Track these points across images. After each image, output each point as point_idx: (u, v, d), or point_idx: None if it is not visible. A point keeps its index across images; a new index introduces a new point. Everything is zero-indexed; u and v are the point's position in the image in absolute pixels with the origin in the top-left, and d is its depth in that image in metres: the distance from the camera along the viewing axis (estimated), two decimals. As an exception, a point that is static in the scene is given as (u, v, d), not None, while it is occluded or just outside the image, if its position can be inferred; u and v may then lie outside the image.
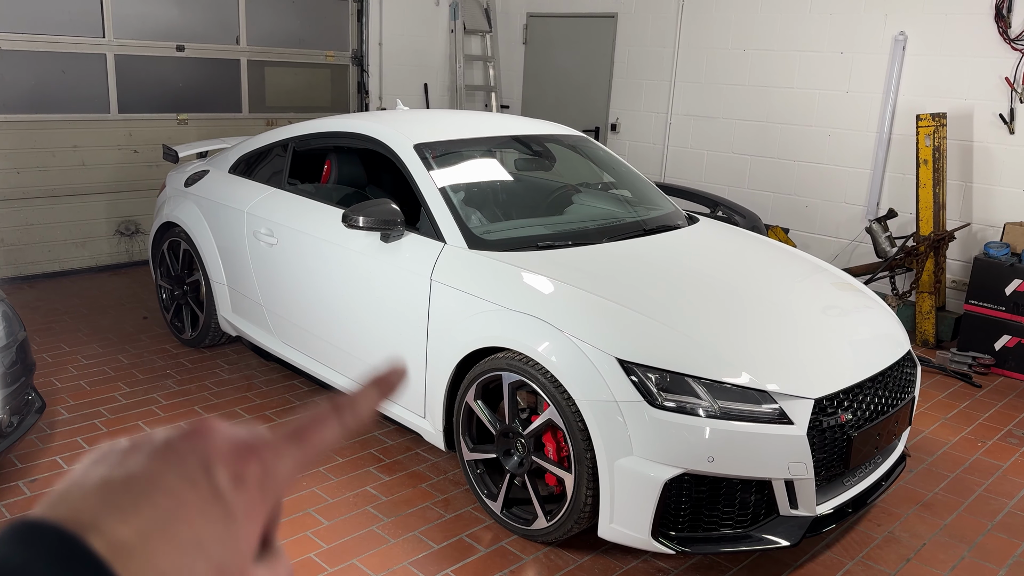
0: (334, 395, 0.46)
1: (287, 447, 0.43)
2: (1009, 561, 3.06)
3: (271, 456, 0.42)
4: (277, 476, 0.42)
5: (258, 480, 0.41)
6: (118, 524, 0.36)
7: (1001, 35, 5.29)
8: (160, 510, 0.37)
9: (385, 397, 0.48)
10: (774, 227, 5.96)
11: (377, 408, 0.48)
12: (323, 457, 0.45)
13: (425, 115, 4.58)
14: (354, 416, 0.46)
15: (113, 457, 0.40)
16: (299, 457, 0.43)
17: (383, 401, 0.48)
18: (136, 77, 6.16)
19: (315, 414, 0.45)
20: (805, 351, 2.91)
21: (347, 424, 0.46)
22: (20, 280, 5.87)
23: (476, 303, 3.08)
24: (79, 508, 0.37)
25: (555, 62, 8.01)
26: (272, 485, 0.42)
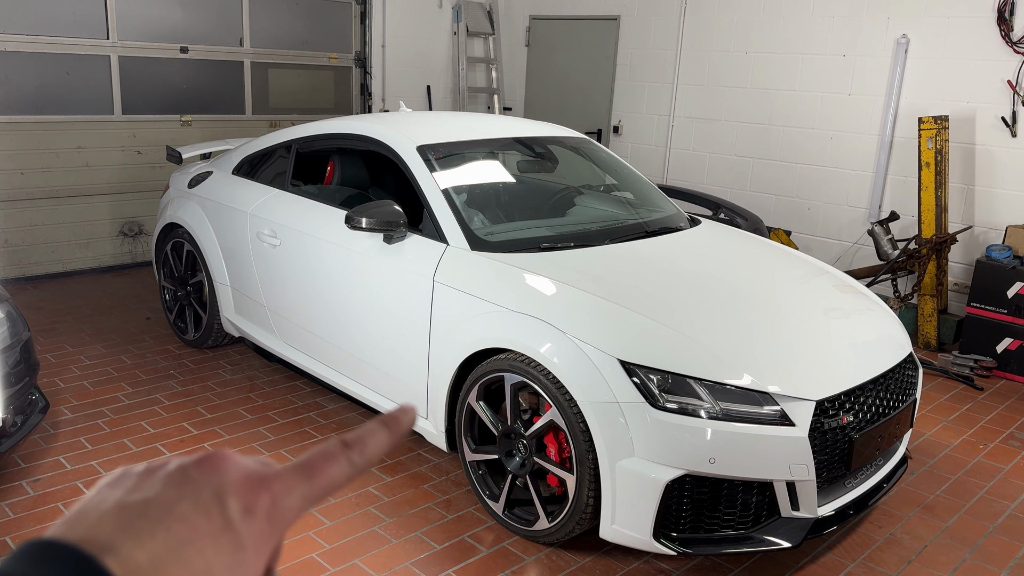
0: (344, 433, 0.47)
1: (296, 481, 0.44)
2: (1010, 564, 3.06)
3: (281, 489, 0.43)
4: (285, 509, 0.43)
5: (267, 512, 0.42)
6: (133, 548, 0.37)
7: (1003, 38, 5.29)
8: (174, 537, 0.38)
9: (396, 438, 0.48)
10: (776, 229, 5.97)
11: (387, 448, 0.48)
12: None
13: (428, 117, 4.59)
14: (363, 455, 0.46)
15: (129, 481, 0.41)
16: (307, 492, 0.44)
17: (393, 442, 0.48)
18: (140, 79, 6.18)
19: (324, 450, 0.45)
20: (807, 353, 2.91)
21: (355, 462, 0.46)
22: (24, 281, 5.89)
23: (478, 304, 3.09)
24: (95, 530, 0.38)
25: (558, 64, 8.02)
26: (280, 518, 0.43)
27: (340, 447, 0.46)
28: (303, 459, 0.45)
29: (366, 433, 0.47)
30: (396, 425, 0.48)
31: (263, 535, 0.42)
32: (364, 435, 0.47)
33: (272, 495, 0.42)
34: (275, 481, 0.43)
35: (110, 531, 0.38)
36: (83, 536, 0.37)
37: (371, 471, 3.49)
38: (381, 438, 0.47)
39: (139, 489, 0.40)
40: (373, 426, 0.48)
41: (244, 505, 0.41)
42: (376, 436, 0.47)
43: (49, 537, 0.37)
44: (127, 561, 0.36)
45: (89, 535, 0.37)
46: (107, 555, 0.36)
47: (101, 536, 0.37)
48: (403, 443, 3.74)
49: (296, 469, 0.44)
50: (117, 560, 0.36)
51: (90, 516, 0.39)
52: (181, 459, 0.44)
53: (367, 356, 3.59)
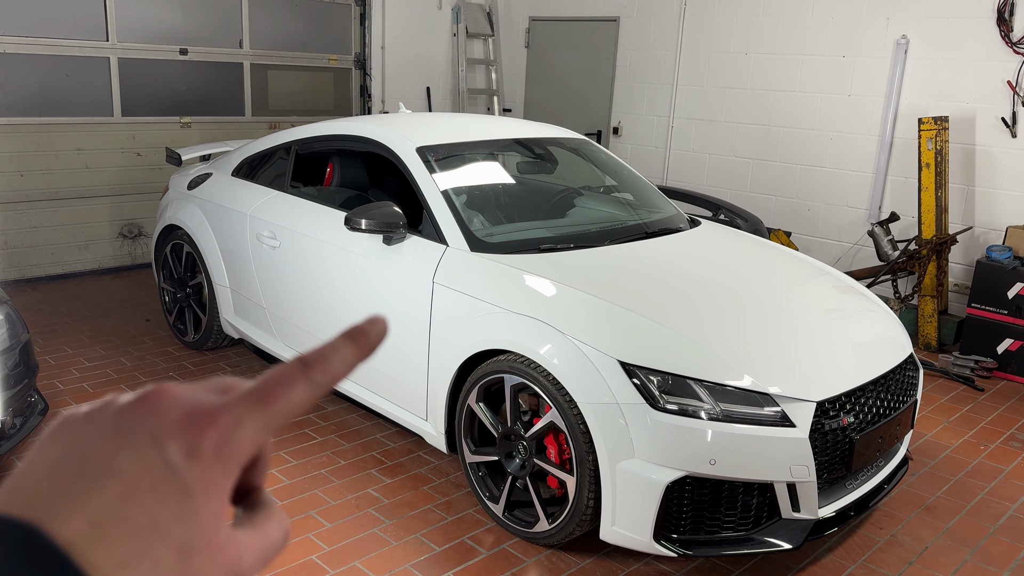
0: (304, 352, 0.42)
1: (249, 411, 0.39)
2: (1012, 565, 3.05)
3: (230, 423, 0.39)
4: (237, 442, 0.39)
5: (216, 450, 0.38)
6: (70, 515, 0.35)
7: (1003, 38, 5.29)
8: (111, 495, 0.36)
9: (363, 355, 0.43)
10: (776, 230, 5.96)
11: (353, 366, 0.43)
12: (291, 418, 0.41)
13: (427, 118, 4.58)
14: (325, 373, 0.41)
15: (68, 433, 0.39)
16: (263, 421, 0.40)
17: (361, 358, 0.43)
18: (139, 80, 6.18)
19: (281, 372, 0.41)
20: (807, 354, 2.91)
21: (317, 382, 0.41)
22: (23, 283, 5.89)
23: (478, 305, 3.08)
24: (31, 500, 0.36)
25: (557, 66, 8.02)
26: (232, 453, 0.39)
27: (299, 367, 0.41)
28: (257, 383, 0.41)
29: (329, 349, 0.42)
30: (364, 339, 0.43)
31: (214, 475, 0.38)
32: (327, 351, 0.42)
33: (219, 430, 0.38)
34: (221, 414, 0.39)
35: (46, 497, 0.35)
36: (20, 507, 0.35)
37: (371, 472, 3.48)
38: (346, 354, 0.42)
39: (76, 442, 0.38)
40: (338, 341, 0.43)
41: (186, 447, 0.37)
42: (340, 352, 0.42)
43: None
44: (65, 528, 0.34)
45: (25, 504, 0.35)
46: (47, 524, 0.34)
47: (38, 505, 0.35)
48: (403, 445, 3.74)
49: (248, 397, 0.40)
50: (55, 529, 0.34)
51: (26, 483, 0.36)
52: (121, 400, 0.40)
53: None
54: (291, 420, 0.41)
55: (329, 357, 0.42)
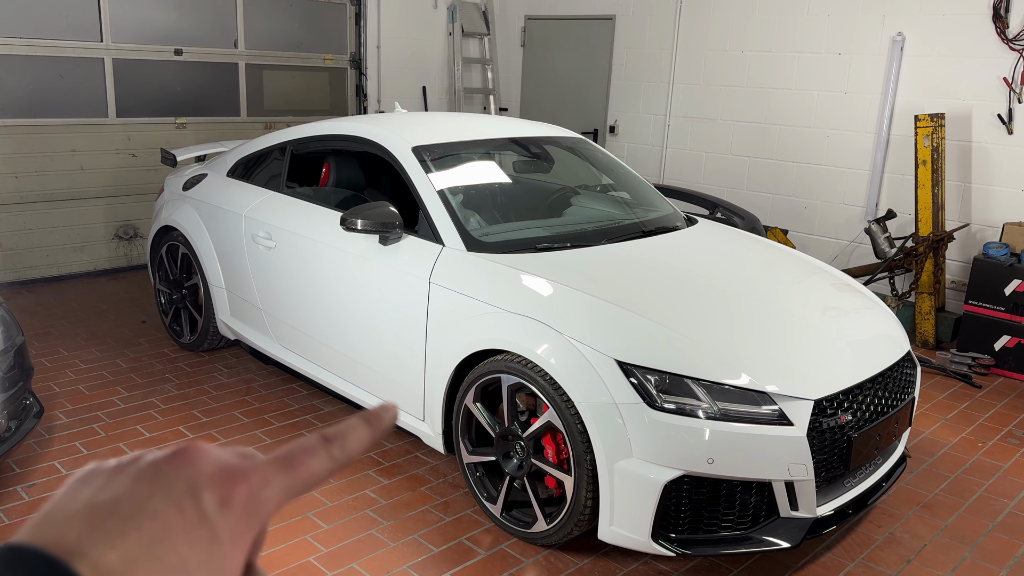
0: (324, 428, 0.46)
1: (275, 473, 0.43)
2: (1010, 562, 3.05)
3: (258, 481, 0.42)
4: (263, 501, 0.42)
5: (244, 504, 0.41)
6: (104, 549, 0.36)
7: (999, 35, 5.29)
8: (146, 534, 0.37)
9: (377, 436, 0.48)
10: (773, 228, 5.96)
11: (367, 445, 0.47)
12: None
13: (423, 118, 4.57)
14: (343, 450, 0.45)
15: (99, 479, 0.40)
16: (286, 484, 0.43)
17: (374, 439, 0.47)
18: (134, 81, 6.16)
19: (304, 444, 0.45)
20: (804, 352, 2.90)
21: (335, 457, 0.45)
22: (18, 285, 5.87)
23: (475, 305, 3.07)
24: (64, 532, 0.36)
25: (553, 64, 8.01)
26: (258, 510, 0.42)
27: (320, 441, 0.45)
28: (283, 451, 0.44)
29: (347, 428, 0.46)
30: (377, 422, 0.48)
31: (240, 527, 0.41)
32: (345, 430, 0.46)
33: (249, 486, 0.41)
34: (252, 472, 0.42)
35: (79, 532, 0.36)
36: (51, 539, 0.36)
37: (368, 473, 3.47)
38: (362, 434, 0.47)
39: (110, 486, 0.39)
40: (354, 422, 0.47)
41: (219, 498, 0.40)
42: (357, 432, 0.47)
43: (16, 541, 0.36)
44: (97, 563, 0.35)
45: (57, 537, 0.36)
46: (76, 558, 0.35)
47: (70, 538, 0.36)
48: (400, 445, 3.73)
49: (275, 461, 0.43)
50: (87, 563, 0.35)
51: (59, 517, 0.37)
52: (154, 453, 0.42)
53: (363, 358, 3.57)
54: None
55: (347, 436, 0.46)
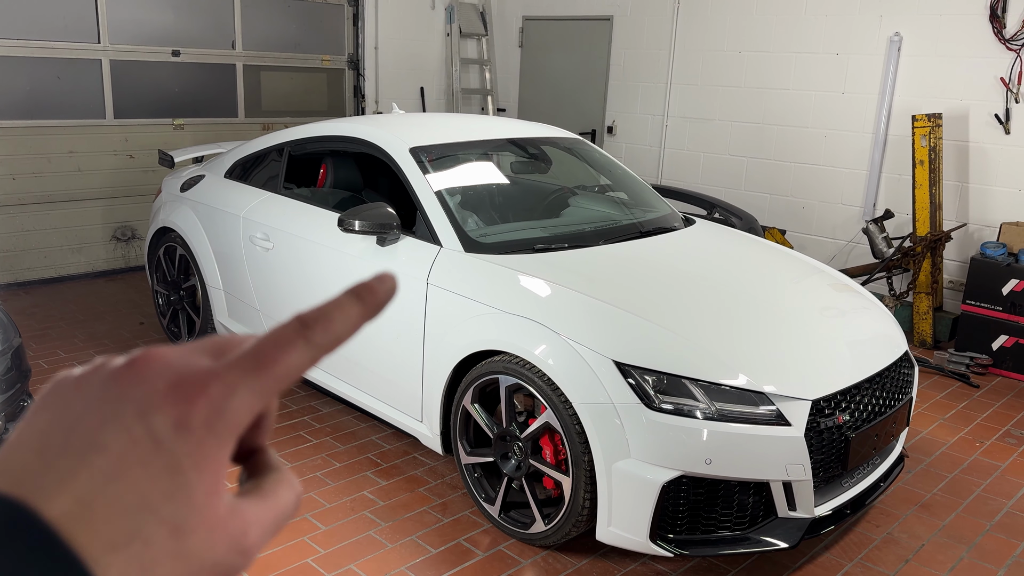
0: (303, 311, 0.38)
1: (243, 377, 0.36)
2: (1008, 561, 3.05)
3: (221, 392, 0.36)
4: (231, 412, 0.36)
5: (206, 422, 0.36)
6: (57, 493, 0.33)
7: (996, 35, 5.29)
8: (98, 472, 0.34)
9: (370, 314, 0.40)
10: (771, 228, 5.96)
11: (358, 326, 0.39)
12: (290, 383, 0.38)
13: (421, 119, 4.57)
14: (327, 334, 0.38)
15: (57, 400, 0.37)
16: (258, 387, 0.37)
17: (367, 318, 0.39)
18: (132, 82, 6.15)
19: (278, 334, 0.38)
20: (802, 352, 2.90)
21: (317, 344, 0.38)
22: (16, 286, 5.86)
23: (472, 306, 3.07)
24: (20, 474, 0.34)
25: (551, 65, 8.01)
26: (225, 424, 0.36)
27: (297, 326, 0.38)
28: (250, 347, 0.37)
29: (332, 307, 0.39)
30: (371, 296, 0.40)
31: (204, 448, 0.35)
32: (329, 309, 0.38)
33: (210, 400, 0.36)
34: (213, 382, 0.36)
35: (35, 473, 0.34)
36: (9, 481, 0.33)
37: (366, 474, 3.47)
38: (351, 312, 0.39)
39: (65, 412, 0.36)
40: (342, 298, 0.39)
41: (175, 419, 0.35)
42: (345, 310, 0.39)
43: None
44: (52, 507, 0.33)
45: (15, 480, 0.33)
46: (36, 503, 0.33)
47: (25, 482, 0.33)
48: (398, 446, 3.72)
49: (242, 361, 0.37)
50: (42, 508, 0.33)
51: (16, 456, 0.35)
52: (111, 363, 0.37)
53: (361, 359, 3.57)
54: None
55: (332, 315, 0.38)
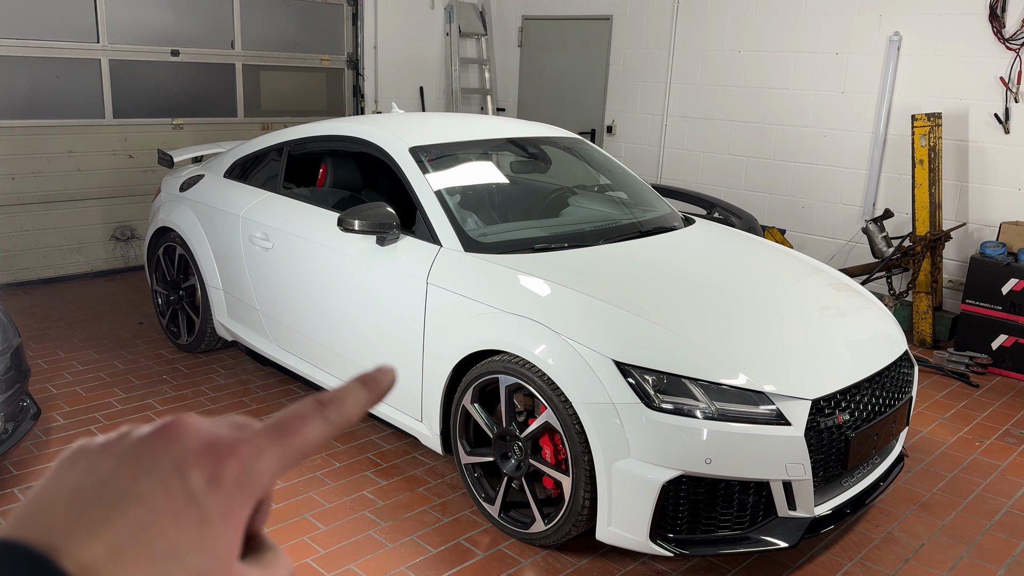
0: (319, 392, 0.44)
1: (268, 443, 0.41)
2: (1008, 561, 3.05)
3: (249, 453, 0.40)
4: (256, 474, 0.40)
5: (235, 480, 0.39)
6: (88, 538, 0.35)
7: (995, 35, 5.29)
8: (131, 520, 0.36)
9: (374, 399, 0.46)
10: (770, 228, 5.96)
11: (365, 409, 0.45)
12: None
13: (421, 118, 4.57)
14: (340, 413, 0.43)
15: (85, 460, 0.39)
16: (281, 454, 0.41)
17: (372, 402, 0.46)
18: (131, 82, 6.15)
19: (298, 410, 0.43)
20: (802, 352, 2.90)
21: (332, 421, 0.43)
22: (15, 286, 5.86)
23: (472, 306, 3.07)
24: (48, 524, 0.36)
25: (550, 64, 8.01)
26: (251, 484, 0.40)
27: (315, 406, 0.43)
28: (275, 419, 0.42)
29: (344, 392, 0.44)
30: (375, 384, 0.46)
31: (232, 504, 0.39)
32: (341, 394, 0.44)
33: (239, 460, 0.39)
34: (242, 445, 0.40)
35: (64, 522, 0.35)
36: (36, 531, 0.35)
37: (366, 474, 3.47)
38: (359, 397, 0.45)
39: (95, 469, 0.38)
40: (351, 385, 0.45)
41: (208, 475, 0.38)
42: (354, 395, 0.45)
43: (1, 536, 0.35)
44: (83, 554, 0.34)
45: (42, 529, 0.35)
46: (62, 550, 0.34)
47: (55, 529, 0.35)
48: (398, 446, 3.72)
49: (268, 430, 0.41)
50: (73, 555, 0.34)
51: (43, 507, 0.37)
52: (141, 429, 0.41)
53: (361, 359, 3.57)
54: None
55: (344, 399, 0.44)
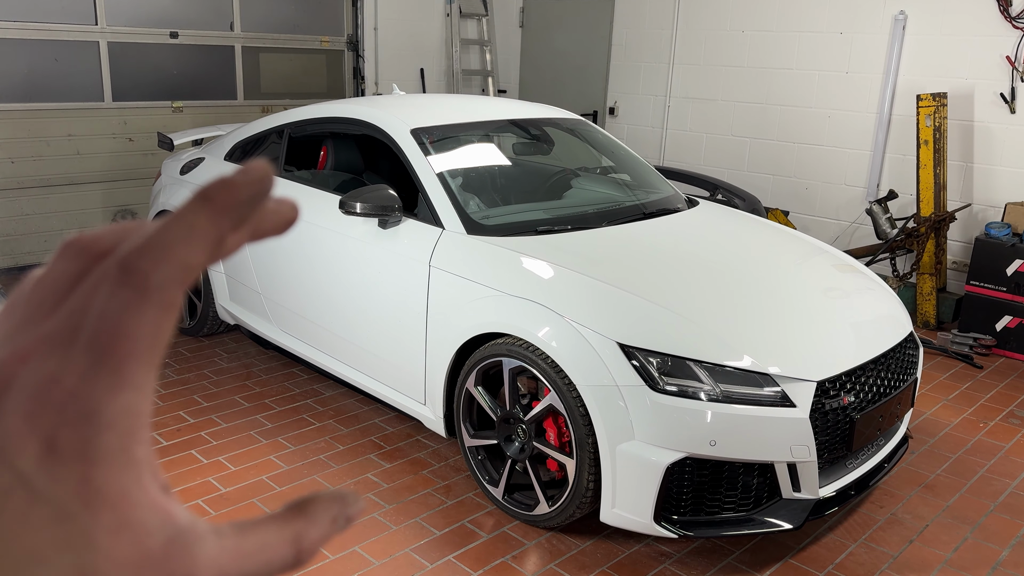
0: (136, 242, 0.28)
1: (87, 376, 0.27)
2: (1012, 542, 3.05)
3: (77, 400, 0.27)
4: (107, 428, 0.27)
5: (79, 448, 0.27)
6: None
7: (1002, 13, 5.24)
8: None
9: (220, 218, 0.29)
10: (774, 210, 5.93)
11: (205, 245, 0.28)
12: (161, 348, 0.28)
13: (422, 100, 4.54)
14: (165, 284, 0.27)
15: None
16: (109, 382, 0.27)
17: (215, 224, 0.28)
18: (130, 65, 6.10)
19: (106, 307, 0.27)
20: (807, 334, 2.89)
21: (162, 300, 0.27)
22: (17, 271, 5.84)
23: (475, 289, 3.06)
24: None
25: (552, 45, 7.95)
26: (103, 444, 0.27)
27: (122, 287, 0.27)
28: (88, 330, 0.27)
29: (170, 229, 0.28)
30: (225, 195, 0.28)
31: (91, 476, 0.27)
32: (165, 238, 0.28)
33: (66, 420, 0.27)
34: (68, 375, 0.27)
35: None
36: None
37: (369, 457, 3.47)
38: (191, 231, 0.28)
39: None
40: (180, 213, 0.28)
41: (39, 449, 0.27)
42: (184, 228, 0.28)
43: None
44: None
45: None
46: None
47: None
48: (401, 429, 3.72)
49: (83, 351, 0.27)
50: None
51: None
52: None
53: (364, 342, 3.56)
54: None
55: (170, 242, 0.28)
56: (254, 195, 0.29)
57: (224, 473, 3.32)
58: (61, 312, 0.28)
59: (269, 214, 0.30)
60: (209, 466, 3.37)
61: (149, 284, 0.27)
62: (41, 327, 0.28)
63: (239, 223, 0.29)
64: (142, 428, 0.28)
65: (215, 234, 0.28)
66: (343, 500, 0.33)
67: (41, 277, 0.30)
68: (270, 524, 0.31)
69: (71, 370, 0.27)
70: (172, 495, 0.30)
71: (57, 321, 0.28)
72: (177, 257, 0.27)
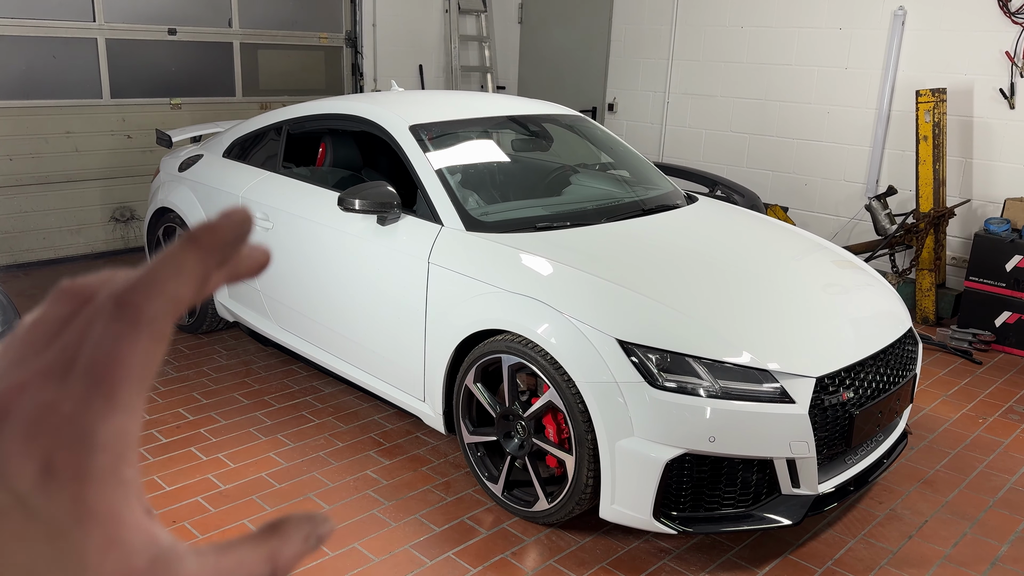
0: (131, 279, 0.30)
1: (83, 403, 0.29)
2: (1011, 537, 3.06)
3: (73, 424, 0.29)
4: (100, 450, 0.29)
5: (74, 469, 0.28)
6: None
7: (1001, 8, 5.23)
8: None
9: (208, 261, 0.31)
10: (773, 206, 5.93)
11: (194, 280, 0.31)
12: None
13: (421, 96, 4.53)
14: (160, 316, 0.29)
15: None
16: (101, 407, 0.29)
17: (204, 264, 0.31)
18: (128, 61, 6.09)
19: (100, 341, 0.29)
20: (806, 329, 2.89)
21: (158, 331, 0.29)
22: (15, 268, 5.84)
23: (474, 285, 3.06)
24: None
25: (551, 41, 7.93)
26: (97, 465, 0.29)
27: (121, 310, 0.29)
28: (89, 354, 0.29)
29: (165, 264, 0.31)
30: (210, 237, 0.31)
31: (86, 495, 0.29)
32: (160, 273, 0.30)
33: (60, 442, 0.28)
34: (64, 401, 0.29)
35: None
36: None
37: (369, 454, 3.47)
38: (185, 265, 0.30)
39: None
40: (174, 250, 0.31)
41: (34, 472, 0.28)
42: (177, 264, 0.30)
43: None
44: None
45: None
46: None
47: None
48: (401, 426, 3.72)
49: (79, 381, 0.29)
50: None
51: None
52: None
53: (363, 339, 3.56)
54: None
55: (165, 276, 0.30)
56: (236, 236, 0.32)
57: (223, 470, 3.32)
58: (55, 347, 0.30)
59: (245, 258, 0.33)
60: (208, 463, 3.37)
61: (142, 317, 0.29)
62: (36, 361, 0.30)
63: (223, 262, 0.32)
64: (131, 450, 0.30)
65: (202, 271, 0.31)
66: (314, 521, 0.35)
67: (35, 320, 0.32)
68: (246, 543, 0.33)
69: (67, 396, 0.29)
70: (154, 517, 0.32)
71: (52, 354, 0.30)
72: (168, 292, 0.30)
